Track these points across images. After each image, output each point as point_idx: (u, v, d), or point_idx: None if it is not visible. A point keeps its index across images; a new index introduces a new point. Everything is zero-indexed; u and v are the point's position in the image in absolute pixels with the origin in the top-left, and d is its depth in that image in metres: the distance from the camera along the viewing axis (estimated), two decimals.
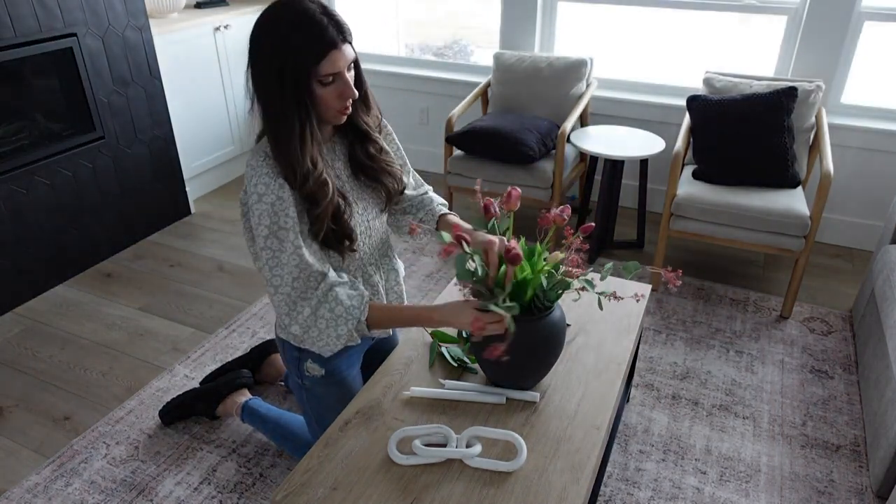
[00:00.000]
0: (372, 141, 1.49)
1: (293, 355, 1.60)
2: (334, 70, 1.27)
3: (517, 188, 1.45)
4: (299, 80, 1.26)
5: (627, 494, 1.87)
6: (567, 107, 3.16)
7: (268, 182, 1.32)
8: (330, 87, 1.29)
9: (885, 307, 2.14)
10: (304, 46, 1.23)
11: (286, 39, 1.23)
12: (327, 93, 1.29)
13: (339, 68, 1.27)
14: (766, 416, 2.15)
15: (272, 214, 1.33)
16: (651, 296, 2.77)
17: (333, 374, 1.60)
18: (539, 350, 1.42)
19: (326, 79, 1.27)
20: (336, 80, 1.29)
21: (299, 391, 1.66)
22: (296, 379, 1.64)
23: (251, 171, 1.34)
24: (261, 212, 1.33)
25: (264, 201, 1.33)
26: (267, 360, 2.28)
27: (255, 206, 1.34)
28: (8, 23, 2.47)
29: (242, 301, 2.76)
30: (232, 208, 3.56)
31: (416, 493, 1.26)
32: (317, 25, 1.23)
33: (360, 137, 1.48)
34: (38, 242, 2.77)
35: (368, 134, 1.47)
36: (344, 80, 1.30)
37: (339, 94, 1.31)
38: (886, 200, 3.05)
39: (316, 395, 1.63)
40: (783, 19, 3.02)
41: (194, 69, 3.43)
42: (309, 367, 1.58)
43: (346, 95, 1.31)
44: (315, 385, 1.61)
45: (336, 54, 1.26)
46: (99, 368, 2.38)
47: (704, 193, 2.61)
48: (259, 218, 1.34)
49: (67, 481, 1.92)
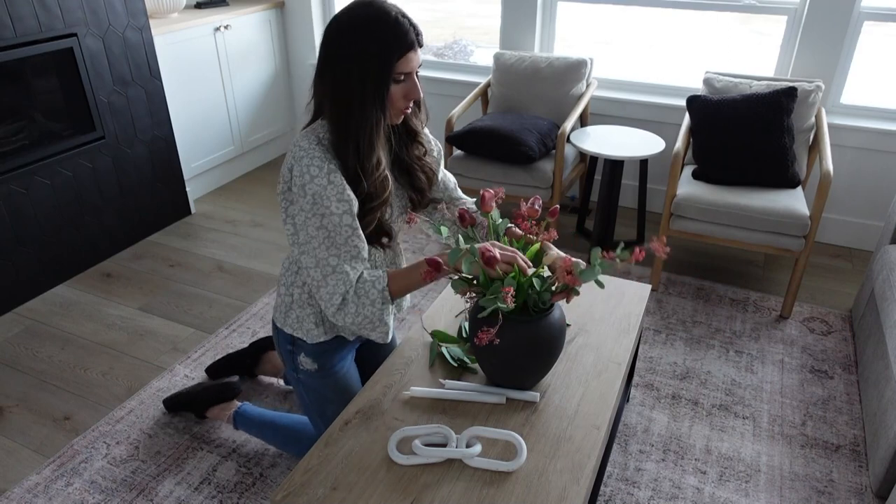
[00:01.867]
0: (419, 143, 1.53)
1: (287, 349, 1.62)
2: (408, 70, 1.33)
3: (490, 190, 1.45)
4: (383, 75, 1.30)
5: (627, 494, 1.88)
6: (567, 107, 3.16)
7: (321, 165, 1.33)
8: (400, 85, 1.35)
9: (885, 307, 2.14)
10: (390, 43, 1.29)
11: (373, 35, 1.28)
12: (396, 91, 1.35)
13: (413, 68, 1.34)
14: (765, 416, 2.15)
15: (325, 198, 1.32)
16: (651, 296, 2.77)
17: (326, 368, 1.62)
18: (539, 350, 1.42)
19: (399, 77, 1.33)
20: (406, 80, 1.35)
21: (297, 384, 1.68)
22: (291, 372, 1.66)
23: (301, 153, 1.34)
24: (314, 192, 1.33)
25: (317, 182, 1.32)
26: (265, 356, 2.29)
27: (309, 187, 1.33)
28: (8, 23, 2.47)
29: (242, 301, 2.76)
30: (232, 208, 3.57)
31: (416, 493, 1.26)
32: (401, 26, 1.30)
33: (410, 137, 1.52)
34: (38, 242, 2.77)
35: (418, 134, 1.52)
36: (413, 81, 1.36)
37: (405, 93, 1.36)
38: (886, 200, 3.05)
39: (312, 388, 1.65)
40: (783, 19, 3.03)
41: (194, 69, 3.43)
42: (302, 360, 1.61)
43: (411, 96, 1.37)
44: (310, 378, 1.63)
45: (413, 55, 1.33)
46: (99, 368, 2.38)
47: (704, 193, 2.61)
48: (313, 198, 1.33)
49: (68, 481, 1.92)
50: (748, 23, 3.25)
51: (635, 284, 1.96)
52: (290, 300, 1.56)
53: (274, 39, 3.94)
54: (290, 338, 1.60)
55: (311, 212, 1.34)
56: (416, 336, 1.71)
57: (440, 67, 3.84)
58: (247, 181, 3.91)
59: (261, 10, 3.77)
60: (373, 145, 1.35)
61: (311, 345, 1.58)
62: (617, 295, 1.91)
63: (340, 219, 1.35)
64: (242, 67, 3.74)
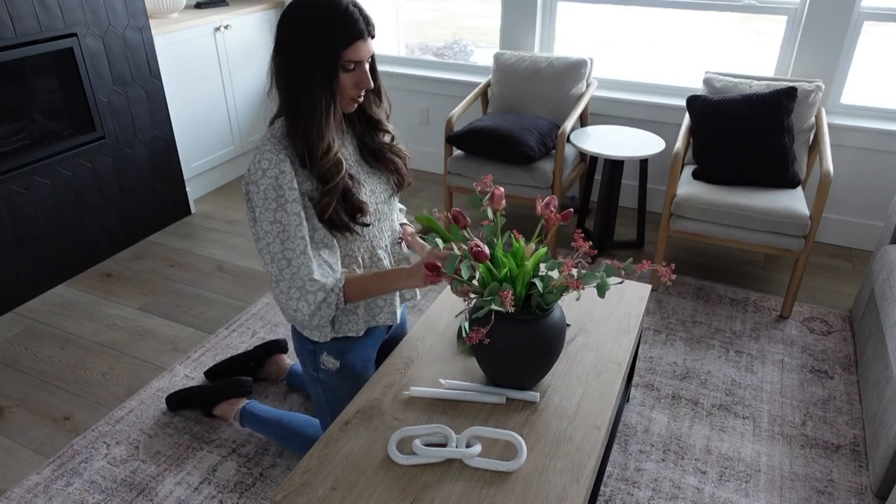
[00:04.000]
0: (382, 129, 1.57)
1: (308, 348, 1.62)
2: (357, 58, 1.36)
3: (500, 188, 1.49)
4: (331, 62, 1.34)
5: (627, 494, 1.88)
6: (567, 107, 3.16)
7: (270, 157, 1.37)
8: (349, 74, 1.38)
9: (885, 307, 2.14)
10: (336, 31, 1.32)
11: (321, 22, 1.32)
12: (346, 79, 1.38)
13: (362, 58, 1.37)
14: (765, 416, 2.15)
15: (277, 188, 1.36)
16: (651, 296, 2.77)
17: (348, 367, 1.62)
18: (539, 350, 1.42)
19: (348, 65, 1.36)
20: (356, 69, 1.38)
21: (314, 384, 1.68)
22: (311, 372, 1.66)
23: (255, 153, 1.40)
24: (265, 186, 1.36)
25: (269, 175, 1.36)
26: (271, 358, 2.29)
27: (261, 182, 1.37)
28: (8, 23, 2.47)
29: (242, 301, 2.76)
30: (232, 208, 3.57)
31: (416, 493, 1.26)
32: (350, 15, 1.33)
33: (372, 126, 1.56)
34: (38, 242, 2.77)
35: (379, 123, 1.56)
36: (363, 70, 1.39)
37: (356, 81, 1.39)
38: (886, 200, 3.05)
39: (331, 387, 1.65)
40: (783, 19, 3.03)
41: (194, 69, 3.43)
42: (324, 360, 1.61)
43: (361, 84, 1.40)
44: (330, 378, 1.64)
45: (362, 44, 1.36)
46: (99, 368, 2.38)
47: (704, 193, 2.61)
48: (264, 193, 1.37)
49: (68, 481, 1.92)
50: (748, 23, 3.25)
51: (635, 284, 1.96)
52: None
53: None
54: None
55: (263, 206, 1.38)
56: (416, 336, 1.71)
57: (440, 67, 3.84)
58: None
59: (261, 10, 3.77)
60: (321, 131, 1.38)
61: (333, 343, 1.59)
62: (617, 295, 1.91)
63: (292, 206, 1.38)
64: (242, 67, 3.74)
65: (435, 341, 1.69)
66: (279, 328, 2.57)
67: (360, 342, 1.63)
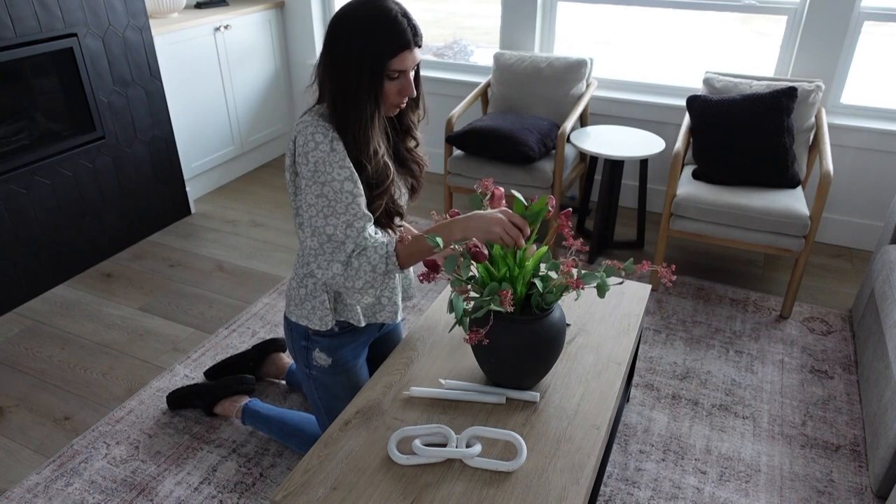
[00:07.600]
0: (413, 137, 1.60)
1: (301, 345, 1.63)
2: (402, 68, 1.37)
3: (500, 188, 1.50)
4: (376, 71, 1.35)
5: (627, 494, 1.88)
6: (567, 107, 3.16)
7: (325, 133, 1.37)
8: (394, 82, 1.39)
9: (885, 307, 2.14)
10: (384, 41, 1.34)
11: (370, 32, 1.33)
12: (391, 87, 1.40)
13: (407, 67, 1.38)
14: (765, 416, 2.15)
15: (327, 164, 1.37)
16: (651, 296, 2.77)
17: (340, 364, 1.64)
18: (539, 350, 1.42)
19: (393, 74, 1.38)
20: (401, 77, 1.40)
21: (307, 381, 1.69)
22: (303, 368, 1.67)
23: (304, 124, 1.39)
24: (317, 159, 1.37)
25: (321, 149, 1.37)
26: (269, 358, 2.29)
27: (312, 154, 1.37)
28: (8, 23, 2.47)
29: (242, 301, 2.76)
30: (232, 208, 3.57)
31: (416, 493, 1.26)
32: (398, 24, 1.34)
33: (405, 131, 1.58)
34: (38, 242, 2.77)
35: (411, 129, 1.59)
36: (407, 79, 1.41)
37: (399, 90, 1.41)
38: (886, 200, 3.05)
39: (323, 384, 1.67)
40: (783, 19, 3.03)
41: (194, 69, 3.43)
42: (316, 356, 1.63)
43: (405, 93, 1.42)
44: (322, 375, 1.65)
45: (408, 54, 1.37)
46: (99, 368, 2.38)
47: (704, 193, 2.61)
48: (315, 165, 1.37)
49: (68, 481, 1.92)
50: (748, 23, 3.25)
51: (635, 284, 1.96)
52: (304, 292, 1.57)
53: (274, 39, 3.94)
54: (304, 333, 1.62)
55: (311, 179, 1.38)
56: (416, 336, 1.71)
57: (440, 67, 3.84)
58: (247, 181, 3.91)
59: (261, 10, 3.77)
60: (368, 136, 1.40)
61: (326, 339, 1.60)
62: (617, 295, 1.91)
63: (342, 185, 1.38)
64: (242, 67, 3.74)
65: (435, 341, 1.69)
66: (279, 328, 2.58)
67: (352, 339, 1.64)
